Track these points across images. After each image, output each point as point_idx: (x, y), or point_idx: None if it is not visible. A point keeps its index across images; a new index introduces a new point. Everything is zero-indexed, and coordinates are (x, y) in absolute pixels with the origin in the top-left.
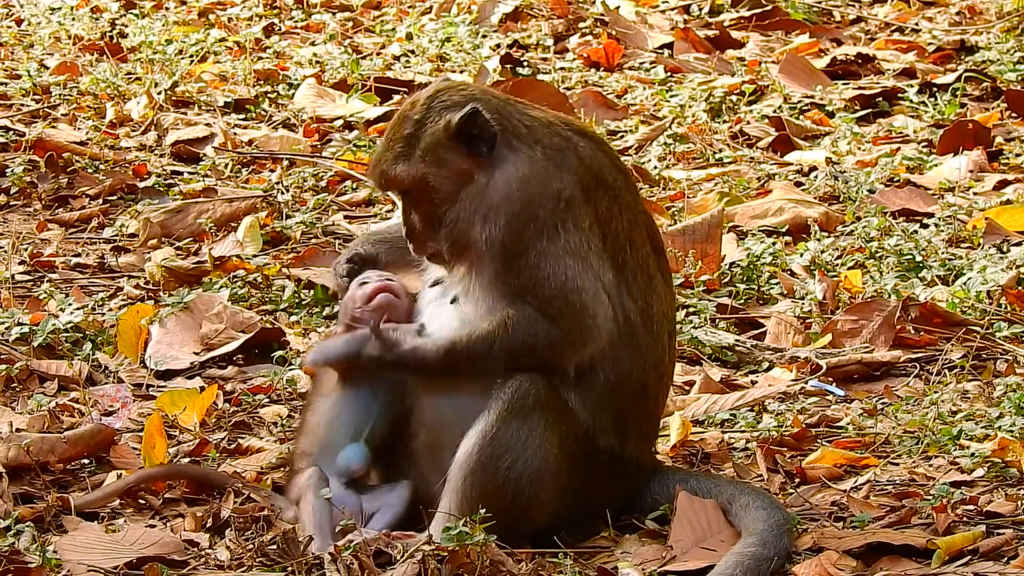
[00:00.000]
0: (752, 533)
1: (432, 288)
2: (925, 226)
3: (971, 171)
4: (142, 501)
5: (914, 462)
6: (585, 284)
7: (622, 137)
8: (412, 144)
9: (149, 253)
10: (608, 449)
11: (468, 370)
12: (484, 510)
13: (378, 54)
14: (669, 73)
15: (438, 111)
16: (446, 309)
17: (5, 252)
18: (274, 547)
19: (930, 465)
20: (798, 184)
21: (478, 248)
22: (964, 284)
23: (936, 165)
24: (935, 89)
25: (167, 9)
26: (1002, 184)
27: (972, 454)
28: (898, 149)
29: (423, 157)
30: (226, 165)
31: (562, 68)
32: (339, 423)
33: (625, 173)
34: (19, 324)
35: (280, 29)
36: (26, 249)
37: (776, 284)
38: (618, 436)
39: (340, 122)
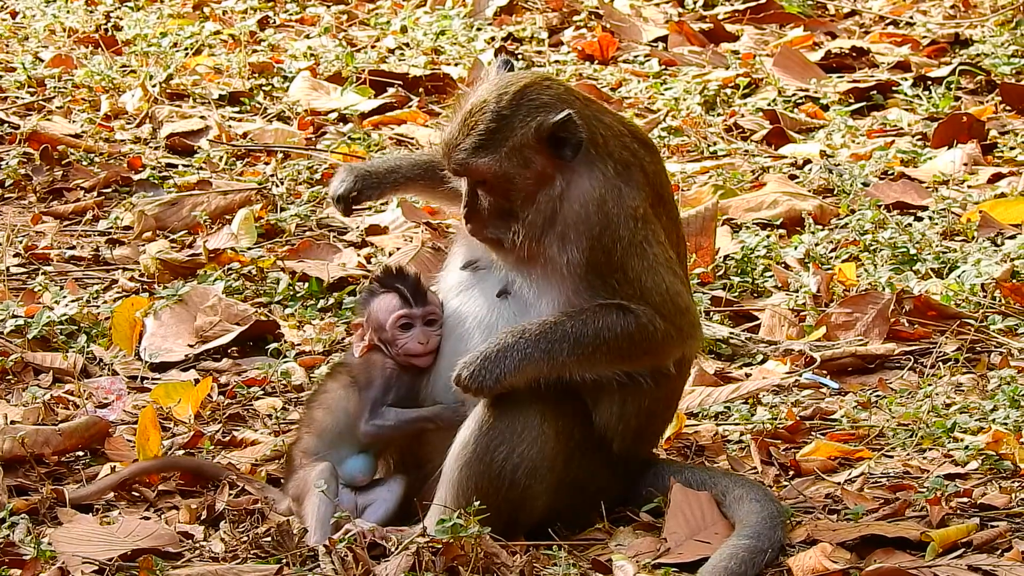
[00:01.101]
0: (746, 525)
1: (464, 271)
2: (919, 219)
3: (965, 164)
4: (136, 494)
5: (908, 455)
6: (681, 288)
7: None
8: (498, 138)
9: (144, 246)
10: (617, 451)
11: (577, 354)
12: (479, 502)
13: (373, 47)
14: (663, 66)
15: (528, 110)
16: (490, 302)
17: (0, 244)
18: (268, 539)
19: (924, 458)
20: (792, 177)
21: (556, 266)
22: (958, 277)
23: (930, 158)
24: (929, 82)
25: (162, 2)
26: (996, 177)
27: (966, 447)
28: (892, 142)
29: (510, 155)
30: (221, 158)
31: (556, 61)
32: (350, 430)
33: (670, 187)
34: (14, 316)
35: (275, 22)
36: (21, 241)
37: (770, 277)
38: (634, 441)
39: (335, 115)
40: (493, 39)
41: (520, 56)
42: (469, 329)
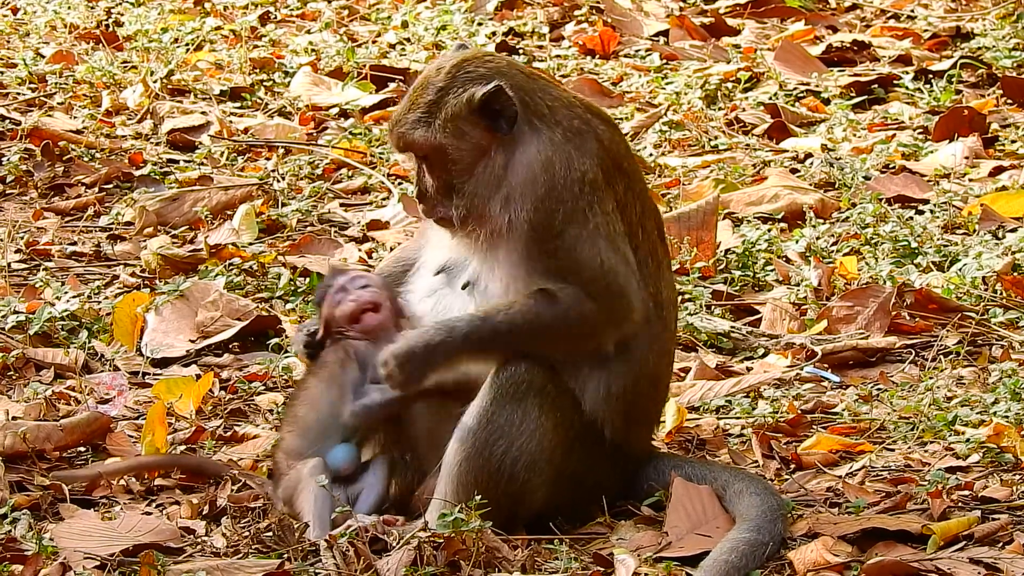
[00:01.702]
0: (747, 519)
1: (436, 276)
2: (920, 212)
3: (966, 157)
4: (131, 492)
5: (909, 448)
6: (618, 266)
7: (618, 124)
8: (433, 112)
9: (145, 241)
10: (610, 437)
11: (509, 345)
12: (479, 496)
13: (374, 42)
14: (665, 60)
15: (462, 82)
16: (458, 297)
17: (1, 240)
18: (270, 534)
19: (925, 451)
20: (793, 171)
21: (500, 229)
22: (959, 270)
23: (931, 152)
24: (931, 76)
25: None
26: (997, 170)
27: (967, 440)
28: (893, 136)
29: (443, 127)
30: (222, 153)
31: (557, 56)
32: (334, 422)
33: (634, 160)
34: (15, 312)
35: (276, 17)
36: (22, 237)
37: (771, 271)
38: (625, 425)
39: (336, 110)
40: (494, 34)
41: (521, 51)
42: None
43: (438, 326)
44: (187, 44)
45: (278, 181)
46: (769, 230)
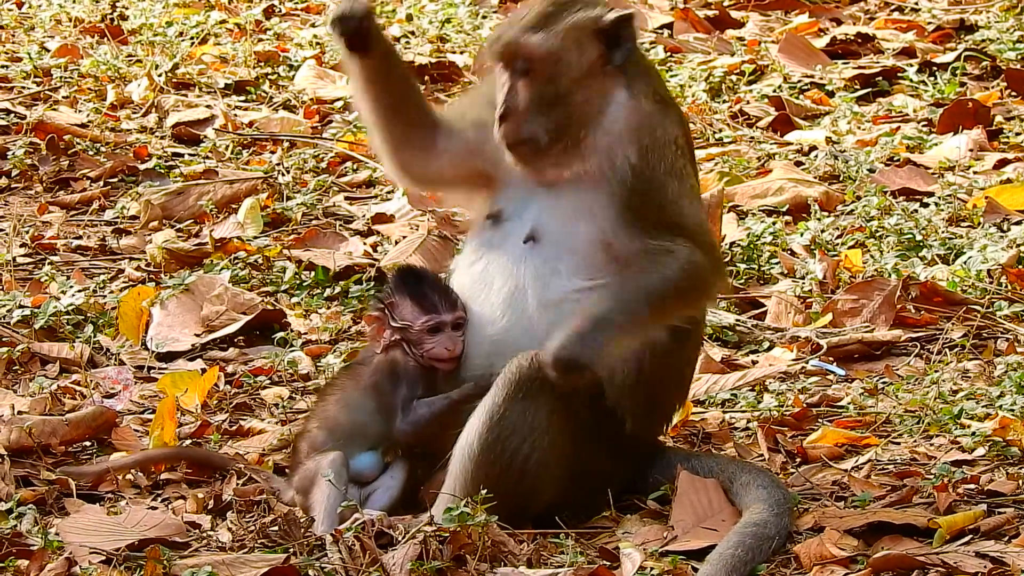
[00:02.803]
0: (753, 512)
1: (487, 223)
2: (925, 205)
3: (971, 150)
4: (137, 486)
5: (915, 441)
6: (708, 223)
7: None
8: (555, 19)
9: (150, 235)
10: (630, 427)
11: (654, 316)
12: (487, 492)
13: None
14: (669, 53)
15: (585, 4)
16: (517, 254)
17: (6, 235)
18: (276, 528)
19: (931, 444)
20: (798, 164)
21: (597, 173)
22: (964, 263)
23: (936, 144)
24: (935, 68)
25: None
26: (1002, 163)
27: (973, 433)
28: (898, 128)
29: (566, 34)
30: (227, 147)
31: None
32: (363, 430)
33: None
34: (21, 307)
35: (280, 11)
36: (27, 232)
37: (776, 264)
38: (647, 415)
39: (341, 103)
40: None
41: None
42: (497, 290)
43: (589, 306)
44: (192, 38)
45: (283, 175)
46: (774, 223)
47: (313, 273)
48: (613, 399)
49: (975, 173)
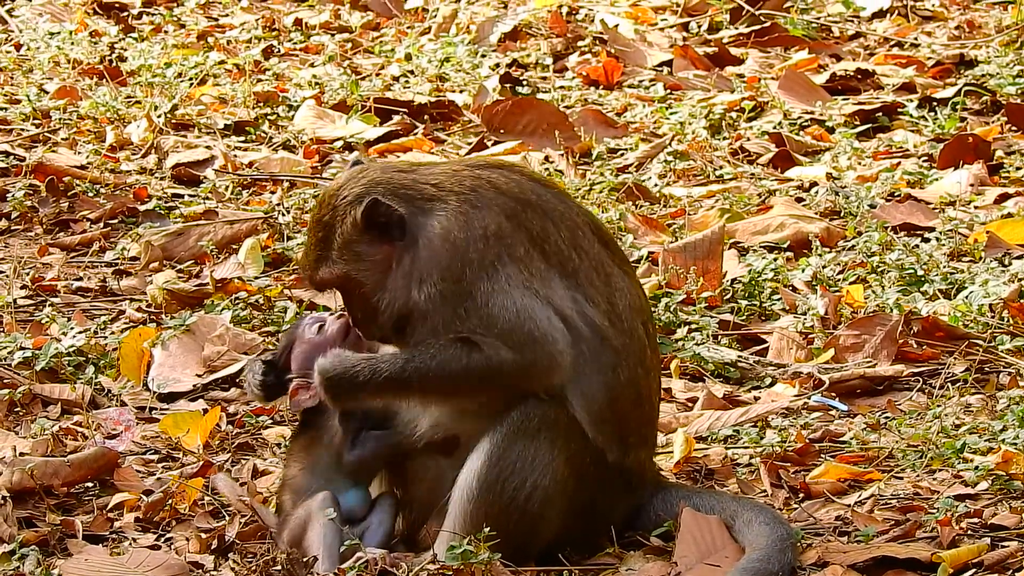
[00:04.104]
0: (756, 548)
1: None
2: (926, 240)
3: (972, 185)
4: (140, 526)
5: (918, 476)
6: (536, 313)
7: (622, 155)
8: (328, 246)
9: (151, 276)
10: (614, 462)
11: (432, 388)
12: (491, 530)
13: (377, 75)
14: (668, 90)
15: (342, 209)
16: None
17: (7, 276)
18: (279, 568)
19: (934, 479)
20: (799, 200)
21: (420, 310)
22: (966, 298)
23: (937, 179)
24: (935, 103)
25: (166, 32)
26: (1003, 197)
27: (976, 467)
28: (898, 164)
29: (341, 256)
30: (227, 187)
31: (561, 87)
32: (337, 462)
33: (548, 184)
34: (22, 348)
35: (279, 51)
36: (28, 273)
37: (778, 300)
38: (621, 445)
39: (340, 143)
40: (498, 65)
41: (525, 82)
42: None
43: (366, 359)
44: (191, 79)
45: (283, 215)
46: (775, 259)
47: (313, 312)
48: (592, 435)
49: (976, 208)
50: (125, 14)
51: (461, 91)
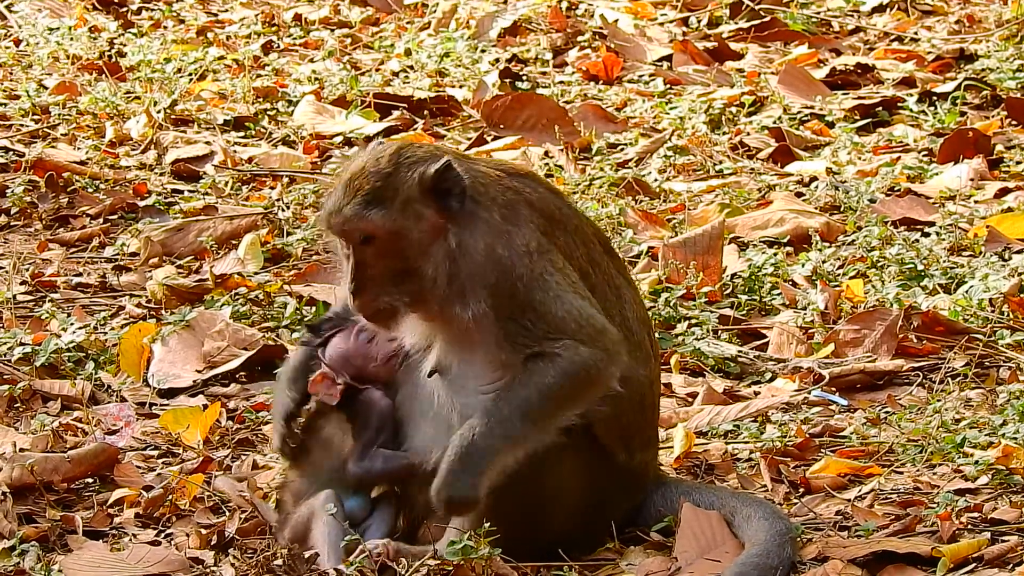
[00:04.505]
0: (756, 543)
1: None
2: (926, 235)
3: (972, 179)
4: (140, 522)
5: (918, 470)
6: (591, 309)
7: (622, 150)
8: (386, 195)
9: (150, 272)
10: (621, 464)
11: (538, 420)
12: (498, 531)
13: (377, 70)
14: (668, 85)
15: (407, 165)
16: (427, 386)
17: (6, 272)
18: (280, 564)
19: (934, 473)
20: (799, 195)
21: (466, 324)
22: (966, 292)
23: (937, 174)
24: (935, 98)
25: (165, 28)
26: (1003, 192)
27: (976, 462)
28: (898, 158)
29: (401, 208)
30: (226, 183)
31: (561, 82)
32: (341, 469)
33: (561, 196)
34: (21, 344)
35: (278, 46)
36: (27, 269)
37: (778, 295)
38: (626, 448)
39: (340, 138)
40: (497, 60)
41: (525, 77)
42: (418, 423)
43: (460, 434)
44: (190, 74)
45: (283, 210)
46: (775, 254)
47: (314, 308)
48: (601, 436)
49: (976, 202)
50: (124, 9)
51: (461, 86)
